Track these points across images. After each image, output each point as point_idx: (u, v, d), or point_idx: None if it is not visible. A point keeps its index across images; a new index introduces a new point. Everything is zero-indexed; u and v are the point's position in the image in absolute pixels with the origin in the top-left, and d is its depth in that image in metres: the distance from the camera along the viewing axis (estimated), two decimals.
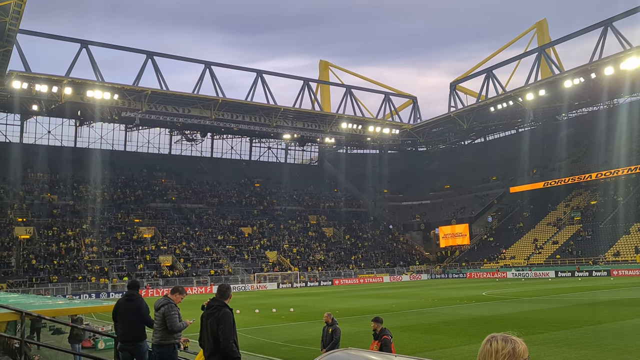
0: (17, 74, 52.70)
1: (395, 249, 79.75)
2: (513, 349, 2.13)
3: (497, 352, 2.13)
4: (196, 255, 63.88)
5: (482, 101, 71.44)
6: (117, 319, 8.67)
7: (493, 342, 2.17)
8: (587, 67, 58.68)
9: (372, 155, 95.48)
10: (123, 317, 8.52)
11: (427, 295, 37.28)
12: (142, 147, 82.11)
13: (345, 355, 5.76)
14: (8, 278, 50.62)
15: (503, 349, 2.13)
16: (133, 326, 8.38)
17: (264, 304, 34.69)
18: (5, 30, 39.47)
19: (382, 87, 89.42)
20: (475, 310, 26.07)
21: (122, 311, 8.55)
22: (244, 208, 78.24)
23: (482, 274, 66.32)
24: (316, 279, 64.18)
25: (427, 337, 18.01)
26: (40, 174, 69.05)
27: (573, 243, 63.31)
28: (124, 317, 8.50)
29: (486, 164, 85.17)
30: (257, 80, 70.71)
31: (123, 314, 8.52)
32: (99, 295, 50.50)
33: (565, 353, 13.82)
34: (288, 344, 17.64)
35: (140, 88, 61.04)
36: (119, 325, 8.61)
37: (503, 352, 2.12)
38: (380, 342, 9.76)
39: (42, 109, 61.19)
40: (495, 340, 2.17)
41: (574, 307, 25.35)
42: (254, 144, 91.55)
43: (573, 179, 70.71)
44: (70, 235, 60.48)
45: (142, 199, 71.85)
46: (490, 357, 2.14)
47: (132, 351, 8.31)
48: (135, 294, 8.68)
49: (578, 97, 68.85)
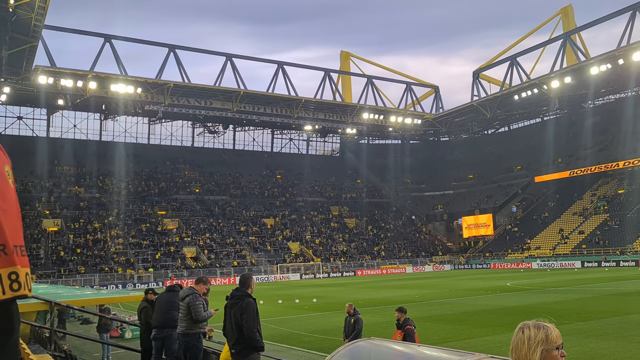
0: (42, 69, 53.59)
1: (417, 240, 79.42)
2: (546, 335, 2.10)
3: (530, 339, 2.11)
4: (219, 246, 64.51)
5: (505, 89, 70.40)
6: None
7: (525, 329, 2.15)
8: (614, 53, 57.32)
9: (394, 146, 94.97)
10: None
11: (450, 286, 37.09)
12: (165, 139, 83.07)
13: (368, 345, 5.78)
14: (37, 269, 51.78)
15: (536, 335, 2.11)
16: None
17: (287, 294, 34.91)
18: (31, 26, 40.10)
19: (404, 76, 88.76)
20: (499, 300, 25.86)
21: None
22: (266, 199, 78.65)
23: (506, 264, 65.69)
24: (339, 270, 64.33)
25: (450, 327, 17.95)
26: (66, 168, 70.33)
27: (600, 233, 62.26)
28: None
29: (510, 153, 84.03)
30: (278, 71, 70.78)
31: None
32: (125, 285, 51.39)
33: (591, 344, 13.65)
34: (311, 334, 17.75)
35: (162, 81, 61.60)
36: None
37: (536, 339, 2.10)
38: (403, 332, 9.77)
39: (67, 103, 62.19)
40: (528, 327, 2.15)
41: (600, 298, 24.98)
42: (275, 136, 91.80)
43: (599, 167, 69.41)
44: (96, 227, 61.58)
45: (165, 191, 72.72)
46: (523, 344, 2.12)
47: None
48: (176, 287, 9.12)
49: (605, 84, 67.34)
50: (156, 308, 8.86)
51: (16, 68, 48.07)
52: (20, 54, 44.11)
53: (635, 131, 67.85)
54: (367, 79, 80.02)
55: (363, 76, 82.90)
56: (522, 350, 2.11)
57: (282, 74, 70.77)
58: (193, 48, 69.09)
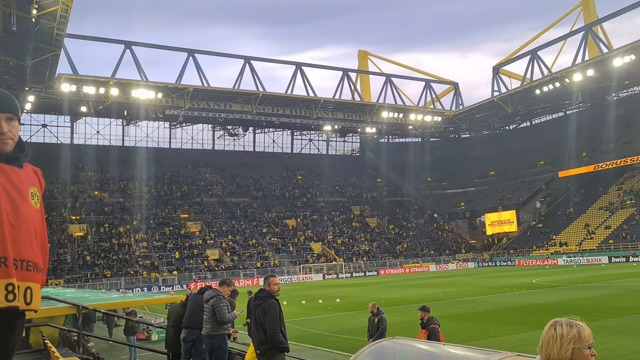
0: (65, 77, 54.57)
1: (440, 238, 78.85)
2: (578, 333, 2.08)
3: (562, 337, 2.08)
4: (242, 248, 64.88)
5: (526, 84, 69.52)
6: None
7: (557, 326, 2.12)
8: (638, 44, 56.22)
9: (414, 144, 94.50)
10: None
11: (475, 284, 36.74)
12: (187, 143, 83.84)
13: (392, 344, 5.75)
14: (65, 274, 52.71)
15: (568, 333, 2.08)
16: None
17: (310, 295, 34.94)
18: (54, 35, 40.83)
19: (423, 74, 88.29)
20: (525, 298, 25.53)
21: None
22: (288, 201, 78.87)
23: (531, 261, 64.83)
24: (361, 270, 64.19)
25: (475, 325, 17.78)
26: (90, 173, 71.47)
27: (627, 227, 61.05)
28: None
29: (533, 148, 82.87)
30: (296, 72, 70.96)
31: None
32: (150, 288, 52.02)
33: (621, 340, 13.40)
34: (335, 334, 17.74)
35: (182, 86, 62.23)
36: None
37: (568, 337, 2.08)
38: (427, 331, 9.71)
39: (90, 110, 63.25)
40: (560, 324, 2.12)
41: (629, 294, 24.48)
42: (295, 137, 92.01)
43: (625, 161, 68.07)
44: (121, 231, 62.44)
45: (188, 195, 73.42)
46: (554, 341, 2.09)
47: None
48: (208, 289, 9.23)
49: (629, 75, 66.07)
50: (187, 309, 8.96)
51: (40, 77, 49.00)
52: (44, 62, 44.94)
53: None
54: (385, 77, 79.77)
55: (381, 75, 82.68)
56: (553, 348, 2.09)
57: (300, 74, 70.94)
58: (211, 52, 69.89)
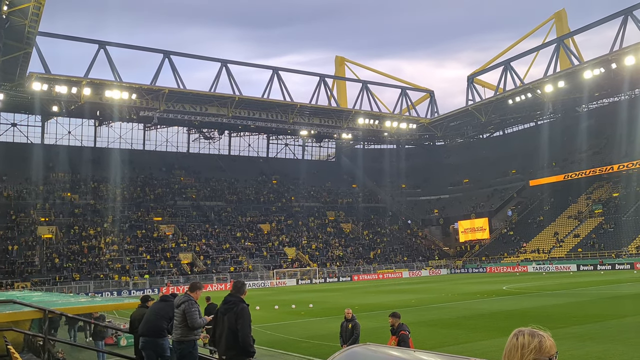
0: (37, 75, 53.46)
1: (414, 244, 79.42)
2: (540, 343, 2.07)
3: (523, 347, 2.07)
4: (216, 252, 64.34)
5: (500, 94, 70.63)
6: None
7: (519, 336, 2.11)
8: (607, 57, 57.64)
9: (389, 150, 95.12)
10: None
11: (447, 290, 37.07)
12: (161, 145, 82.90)
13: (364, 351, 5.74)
14: (32, 277, 51.51)
15: (530, 343, 2.07)
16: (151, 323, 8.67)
17: (283, 300, 34.80)
18: (25, 33, 40.04)
19: (399, 81, 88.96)
20: (495, 304, 25.85)
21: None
22: (262, 205, 78.55)
23: (502, 268, 65.73)
24: (335, 275, 64.21)
25: (446, 332, 17.91)
26: (61, 174, 70.07)
27: (595, 236, 62.40)
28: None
29: (505, 157, 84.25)
30: (273, 77, 70.80)
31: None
32: (120, 293, 51.15)
33: (588, 347, 13.64)
34: (308, 339, 17.68)
35: (157, 87, 61.54)
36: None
37: (530, 347, 2.06)
38: (397, 338, 9.73)
39: (62, 110, 62.05)
40: (522, 334, 2.11)
41: (596, 301, 25.00)
42: (271, 141, 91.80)
43: (594, 171, 69.64)
44: (91, 234, 61.31)
45: (161, 197, 72.54)
46: (516, 351, 2.09)
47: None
48: (170, 297, 9.12)
49: (598, 87, 67.66)
50: (145, 316, 8.79)
51: (10, 75, 47.98)
52: (15, 60, 44.02)
53: (630, 134, 68.13)
54: (362, 84, 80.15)
55: (358, 81, 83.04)
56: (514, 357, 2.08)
57: (277, 79, 70.81)
58: (188, 54, 69.16)
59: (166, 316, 8.54)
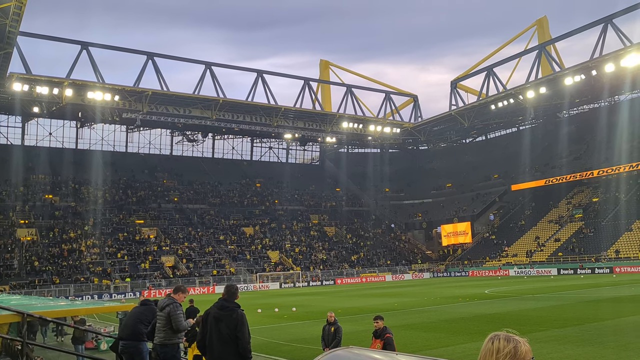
0: (17, 76, 52.71)
1: (397, 248, 79.70)
2: (515, 349, 2.08)
3: (499, 351, 2.08)
4: (198, 255, 63.91)
5: (482, 99, 71.29)
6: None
7: (495, 340, 2.13)
8: (587, 64, 58.53)
9: (373, 154, 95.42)
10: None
11: (429, 294, 37.24)
12: (144, 148, 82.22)
13: (347, 354, 5.74)
14: (11, 280, 50.67)
15: (504, 348, 2.08)
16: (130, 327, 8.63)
17: (266, 303, 34.67)
18: (6, 33, 39.50)
19: (383, 85, 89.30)
20: (477, 308, 26.04)
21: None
22: (246, 208, 78.26)
23: (484, 272, 66.26)
24: (318, 279, 64.16)
25: (429, 335, 18.00)
26: (41, 176, 69.12)
27: (575, 240, 63.22)
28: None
29: (487, 162, 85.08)
30: (257, 80, 70.66)
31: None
32: (101, 296, 50.55)
33: (567, 350, 13.80)
34: (290, 343, 17.64)
35: (140, 89, 61.03)
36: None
37: (504, 352, 2.08)
38: (383, 341, 9.77)
39: (43, 111, 61.24)
40: (498, 339, 2.13)
41: (576, 305, 25.30)
42: (255, 144, 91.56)
43: (574, 176, 70.64)
44: (72, 236, 60.53)
45: (144, 200, 71.90)
46: (491, 356, 2.10)
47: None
48: (149, 301, 9.15)
49: (579, 94, 68.67)
50: (124, 320, 8.76)
51: None
52: None
53: (609, 140, 69.28)
54: (346, 88, 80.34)
55: (342, 85, 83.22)
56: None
57: (261, 82, 70.70)
58: (172, 56, 68.66)
59: (145, 320, 8.48)
